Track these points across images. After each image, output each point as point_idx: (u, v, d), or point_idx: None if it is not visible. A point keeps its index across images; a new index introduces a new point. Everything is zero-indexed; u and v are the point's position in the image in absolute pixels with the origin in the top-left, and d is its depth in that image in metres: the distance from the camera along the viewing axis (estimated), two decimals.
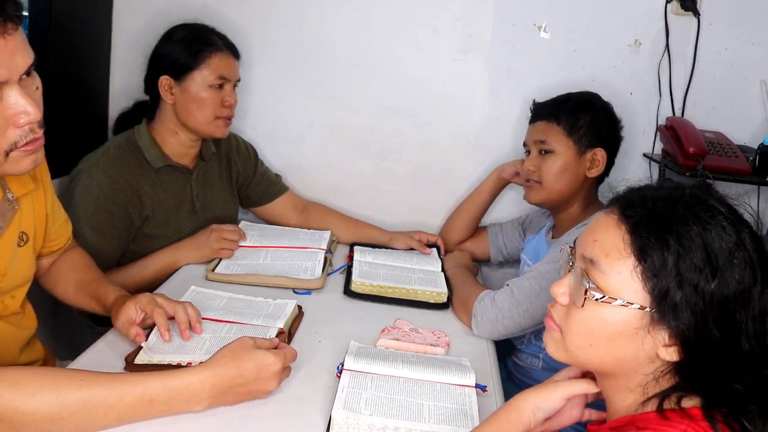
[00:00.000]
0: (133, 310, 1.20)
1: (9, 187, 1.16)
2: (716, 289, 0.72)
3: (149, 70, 1.66)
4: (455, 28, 1.90)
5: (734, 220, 0.76)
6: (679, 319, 0.73)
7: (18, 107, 0.95)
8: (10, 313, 1.20)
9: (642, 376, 0.78)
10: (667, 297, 0.73)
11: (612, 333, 0.77)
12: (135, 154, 1.63)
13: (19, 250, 1.19)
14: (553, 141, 1.60)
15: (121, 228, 1.59)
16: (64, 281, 1.35)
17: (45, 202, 1.26)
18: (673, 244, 0.74)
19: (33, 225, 1.23)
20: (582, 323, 0.79)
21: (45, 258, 1.34)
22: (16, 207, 1.17)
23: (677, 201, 0.77)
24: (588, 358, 0.81)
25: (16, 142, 0.98)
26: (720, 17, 1.84)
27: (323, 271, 1.60)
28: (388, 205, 2.04)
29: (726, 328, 0.73)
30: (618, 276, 0.76)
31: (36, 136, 1.00)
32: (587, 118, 1.59)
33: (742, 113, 1.90)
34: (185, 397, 0.97)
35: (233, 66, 1.67)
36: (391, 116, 1.97)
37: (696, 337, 0.73)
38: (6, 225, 1.15)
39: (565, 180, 1.60)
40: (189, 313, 1.22)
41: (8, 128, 0.96)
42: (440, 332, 1.39)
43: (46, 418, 0.88)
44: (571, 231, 1.56)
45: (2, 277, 1.15)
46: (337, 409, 1.04)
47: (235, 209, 1.88)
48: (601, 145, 1.59)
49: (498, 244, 1.88)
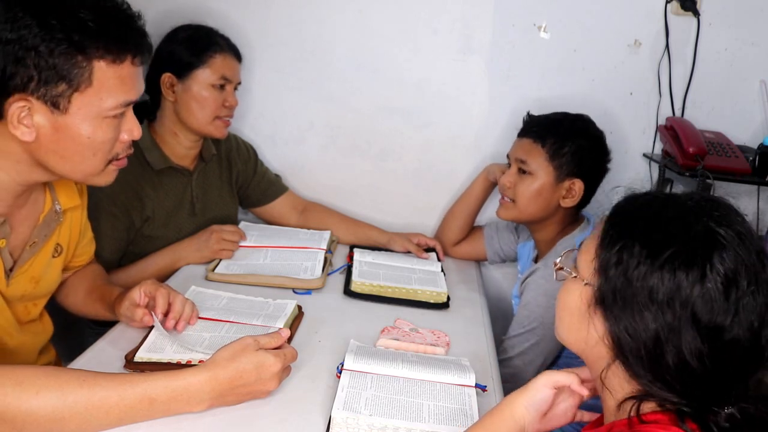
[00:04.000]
0: (137, 293, 1.22)
1: (58, 199, 1.21)
2: (644, 276, 0.73)
3: (151, 68, 1.65)
4: (455, 29, 1.90)
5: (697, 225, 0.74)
6: (609, 301, 0.76)
7: (130, 124, 1.10)
8: (29, 320, 1.23)
9: (603, 363, 0.80)
10: (605, 272, 0.77)
11: (569, 307, 0.83)
12: (136, 156, 1.63)
13: (52, 261, 1.22)
14: (533, 163, 1.57)
15: (122, 229, 1.59)
16: (74, 291, 1.38)
17: (81, 218, 1.31)
18: (628, 225, 0.78)
19: (68, 239, 1.27)
20: (558, 298, 0.87)
21: (65, 272, 1.35)
22: (61, 219, 1.22)
23: (647, 197, 0.81)
24: (562, 336, 0.87)
25: (117, 154, 1.11)
26: (720, 17, 1.84)
27: (323, 271, 1.60)
28: (388, 205, 2.03)
29: (651, 327, 0.73)
30: (586, 255, 0.82)
31: (129, 153, 1.15)
32: (573, 146, 1.55)
33: (741, 113, 1.90)
34: (186, 398, 0.97)
35: (235, 68, 1.68)
36: (391, 117, 1.97)
37: (623, 329, 0.75)
38: (50, 234, 1.20)
39: (538, 205, 1.58)
40: (186, 309, 1.24)
41: (117, 142, 1.09)
42: (440, 332, 1.39)
43: (48, 417, 0.89)
44: (550, 254, 1.57)
45: (36, 284, 1.19)
46: (337, 409, 1.04)
47: (235, 210, 1.88)
48: (581, 176, 1.56)
49: (494, 246, 1.87)
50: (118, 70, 1.03)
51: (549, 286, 1.51)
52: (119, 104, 1.05)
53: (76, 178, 1.11)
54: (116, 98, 1.04)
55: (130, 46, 1.03)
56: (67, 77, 0.98)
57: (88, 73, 1.00)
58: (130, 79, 1.06)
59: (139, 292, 1.23)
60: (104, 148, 1.07)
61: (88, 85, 1.00)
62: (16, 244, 1.14)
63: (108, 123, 1.05)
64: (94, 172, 1.09)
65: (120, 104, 1.05)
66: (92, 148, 1.05)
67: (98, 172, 1.09)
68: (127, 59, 1.04)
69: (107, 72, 1.01)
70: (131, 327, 1.25)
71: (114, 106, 1.04)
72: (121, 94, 1.04)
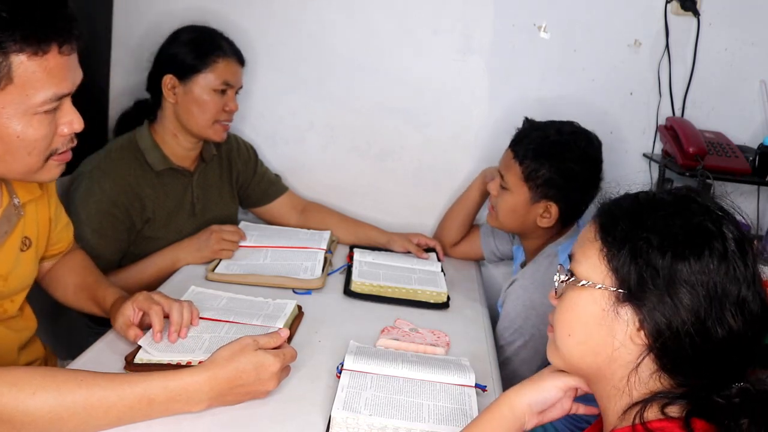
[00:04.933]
0: (131, 310, 1.20)
1: (16, 193, 1.17)
2: (671, 264, 0.74)
3: (154, 69, 1.65)
4: (455, 29, 1.90)
5: (709, 209, 0.77)
6: (638, 294, 0.75)
7: (69, 117, 1.04)
8: (8, 317, 1.21)
9: (625, 369, 0.78)
10: (623, 270, 0.76)
11: (585, 317, 0.80)
12: (136, 157, 1.63)
13: (21, 255, 1.19)
14: (509, 180, 1.55)
15: (122, 230, 1.59)
16: (63, 284, 1.36)
17: (49, 207, 1.27)
18: (631, 221, 0.78)
19: (36, 230, 1.23)
20: (561, 313, 0.84)
21: (46, 261, 1.34)
22: (21, 213, 1.18)
23: (652, 195, 0.81)
24: (570, 352, 0.83)
25: (57, 149, 1.05)
26: (720, 17, 1.84)
27: (323, 271, 1.60)
28: (388, 205, 2.03)
29: (688, 310, 0.73)
30: (588, 261, 0.81)
31: (72, 145, 1.08)
32: (549, 171, 1.49)
33: (741, 113, 1.90)
34: (184, 398, 0.97)
35: (238, 73, 1.67)
36: (391, 117, 1.97)
37: (659, 317, 0.74)
38: (11, 230, 1.16)
39: (514, 221, 1.58)
40: (184, 315, 1.20)
41: (55, 136, 1.04)
42: (440, 332, 1.39)
43: (46, 418, 0.89)
44: (530, 264, 1.57)
45: (4, 281, 1.16)
46: (337, 409, 1.04)
47: (235, 210, 1.88)
48: (556, 200, 1.51)
49: (490, 246, 1.87)
50: (42, 62, 0.96)
51: (527, 296, 1.51)
52: (48, 99, 0.98)
53: (16, 177, 1.06)
54: (45, 92, 0.97)
55: (52, 35, 0.96)
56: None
57: (6, 70, 0.93)
58: (59, 71, 0.98)
59: (132, 308, 1.20)
60: (39, 146, 1.01)
61: (8, 82, 0.94)
62: None
63: (39, 119, 0.99)
64: (32, 170, 1.04)
65: (50, 98, 0.98)
66: (25, 147, 1.00)
67: (37, 169, 1.04)
68: (52, 49, 0.96)
69: (29, 66, 0.95)
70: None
71: (43, 101, 0.98)
72: (49, 88, 0.98)
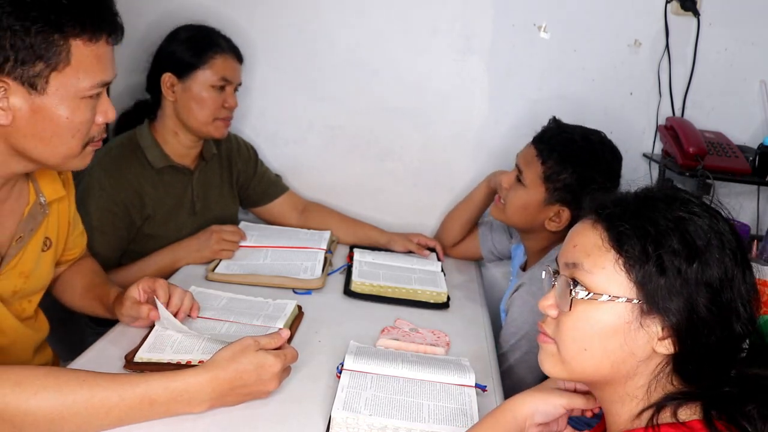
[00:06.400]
0: (136, 291, 1.22)
1: (42, 192, 1.19)
2: (698, 271, 0.72)
3: (152, 68, 1.66)
4: (455, 29, 1.90)
5: (706, 207, 0.77)
6: (666, 305, 0.73)
7: (105, 106, 1.09)
8: (26, 317, 1.22)
9: (643, 377, 0.76)
10: (651, 283, 0.73)
11: (604, 331, 0.75)
12: (136, 154, 1.63)
13: (42, 255, 1.21)
14: (527, 176, 1.52)
15: (122, 228, 1.60)
16: (71, 287, 1.37)
17: (69, 210, 1.29)
18: (649, 230, 0.74)
19: (57, 231, 1.25)
20: (573, 328, 0.77)
21: (59, 266, 1.35)
22: (46, 211, 1.20)
23: (648, 195, 0.79)
24: (583, 366, 0.78)
25: (93, 137, 1.10)
26: (720, 17, 1.84)
27: (323, 271, 1.60)
28: (388, 205, 2.03)
29: (715, 311, 0.73)
30: (602, 271, 0.76)
31: (104, 136, 1.13)
32: (571, 177, 1.47)
33: (741, 113, 1.90)
34: (186, 399, 0.97)
35: (236, 69, 1.68)
36: (391, 117, 1.97)
37: (688, 323, 0.73)
38: (36, 228, 1.18)
39: (523, 218, 1.55)
40: (185, 302, 1.24)
41: (93, 124, 1.08)
42: (440, 332, 1.39)
43: (48, 417, 0.89)
44: (535, 267, 1.55)
45: (26, 279, 1.17)
46: (337, 409, 1.04)
47: (235, 210, 1.88)
48: (570, 206, 1.48)
49: (488, 245, 1.87)
50: (95, 49, 1.02)
51: (536, 302, 1.48)
52: (96, 84, 1.04)
53: (55, 161, 1.08)
54: (93, 78, 1.03)
55: (104, 24, 1.03)
56: (44, 57, 0.97)
57: (65, 52, 0.98)
58: (106, 59, 1.05)
59: (138, 289, 1.23)
60: (83, 129, 1.06)
61: (66, 64, 0.99)
62: (2, 240, 1.12)
63: (85, 104, 1.04)
64: (72, 154, 1.07)
65: (97, 84, 1.04)
66: (71, 129, 1.04)
67: (76, 154, 1.08)
68: (102, 38, 1.03)
69: (84, 51, 1.00)
70: (132, 327, 1.25)
71: (91, 86, 1.03)
72: (98, 74, 1.03)
